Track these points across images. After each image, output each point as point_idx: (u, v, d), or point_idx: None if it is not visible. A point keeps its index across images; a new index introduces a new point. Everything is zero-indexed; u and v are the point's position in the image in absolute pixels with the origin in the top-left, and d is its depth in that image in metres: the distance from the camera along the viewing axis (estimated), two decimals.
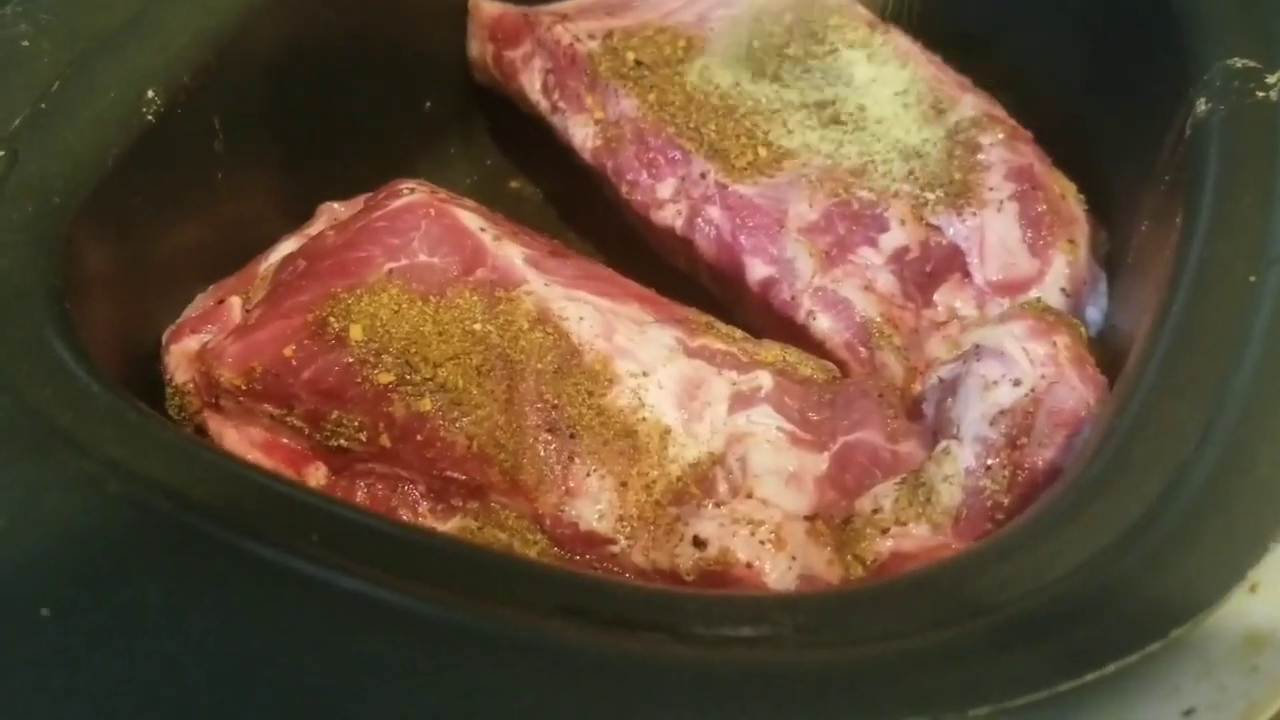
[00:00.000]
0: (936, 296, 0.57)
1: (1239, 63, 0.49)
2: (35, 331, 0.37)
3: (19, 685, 0.26)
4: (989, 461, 0.41)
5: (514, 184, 0.74)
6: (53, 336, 0.37)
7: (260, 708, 0.26)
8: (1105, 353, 0.50)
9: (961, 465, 0.42)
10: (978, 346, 0.44)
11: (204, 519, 0.31)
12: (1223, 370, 0.35)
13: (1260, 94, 0.47)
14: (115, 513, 0.30)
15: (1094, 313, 0.57)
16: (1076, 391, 0.41)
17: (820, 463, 0.47)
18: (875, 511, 0.43)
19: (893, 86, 0.64)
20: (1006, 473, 0.41)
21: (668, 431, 0.48)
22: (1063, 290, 0.57)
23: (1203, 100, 0.49)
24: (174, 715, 0.26)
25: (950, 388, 0.45)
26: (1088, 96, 0.64)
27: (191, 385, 0.49)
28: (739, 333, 0.54)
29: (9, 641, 0.27)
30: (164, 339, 0.50)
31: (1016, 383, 0.42)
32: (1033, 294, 0.57)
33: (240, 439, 0.49)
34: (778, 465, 0.47)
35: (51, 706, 0.26)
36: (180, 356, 0.49)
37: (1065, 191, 0.60)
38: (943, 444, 0.43)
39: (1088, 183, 0.61)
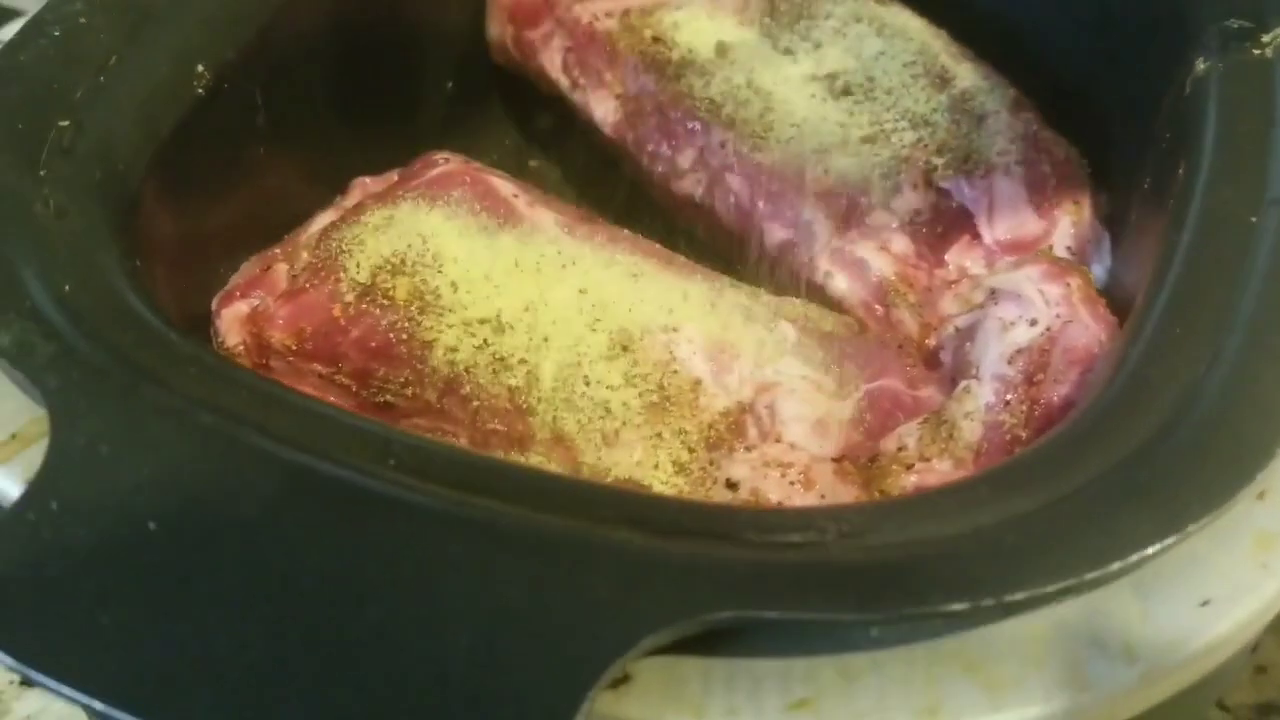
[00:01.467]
0: (948, 256, 0.60)
1: (1235, 23, 0.51)
2: (113, 285, 0.39)
3: (132, 588, 0.29)
4: (1007, 397, 0.44)
5: (533, 162, 0.76)
6: (127, 290, 0.39)
7: (354, 610, 0.29)
8: (1111, 306, 0.52)
9: (981, 402, 0.44)
10: (994, 290, 0.47)
11: (288, 446, 0.33)
12: (1228, 299, 0.38)
13: (1256, 52, 0.49)
14: (208, 441, 0.32)
15: (1098, 270, 0.59)
16: (1090, 329, 0.44)
17: (845, 408, 0.50)
18: (900, 449, 0.46)
19: (900, 59, 0.66)
20: (1024, 408, 0.43)
21: (698, 383, 0.50)
22: (1068, 249, 0.59)
23: (1200, 60, 0.52)
24: (271, 619, 0.28)
25: (968, 334, 0.48)
26: (1087, 61, 0.67)
27: (242, 348, 0.51)
28: (762, 291, 0.56)
29: (122, 550, 0.29)
30: (214, 305, 0.52)
31: (1033, 322, 0.44)
32: None
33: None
34: (804, 412, 0.49)
35: (162, 608, 0.28)
36: (231, 320, 0.51)
37: (1068, 154, 0.63)
38: (963, 384, 0.46)
39: (1089, 145, 0.64)
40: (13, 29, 0.47)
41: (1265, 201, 0.44)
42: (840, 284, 0.59)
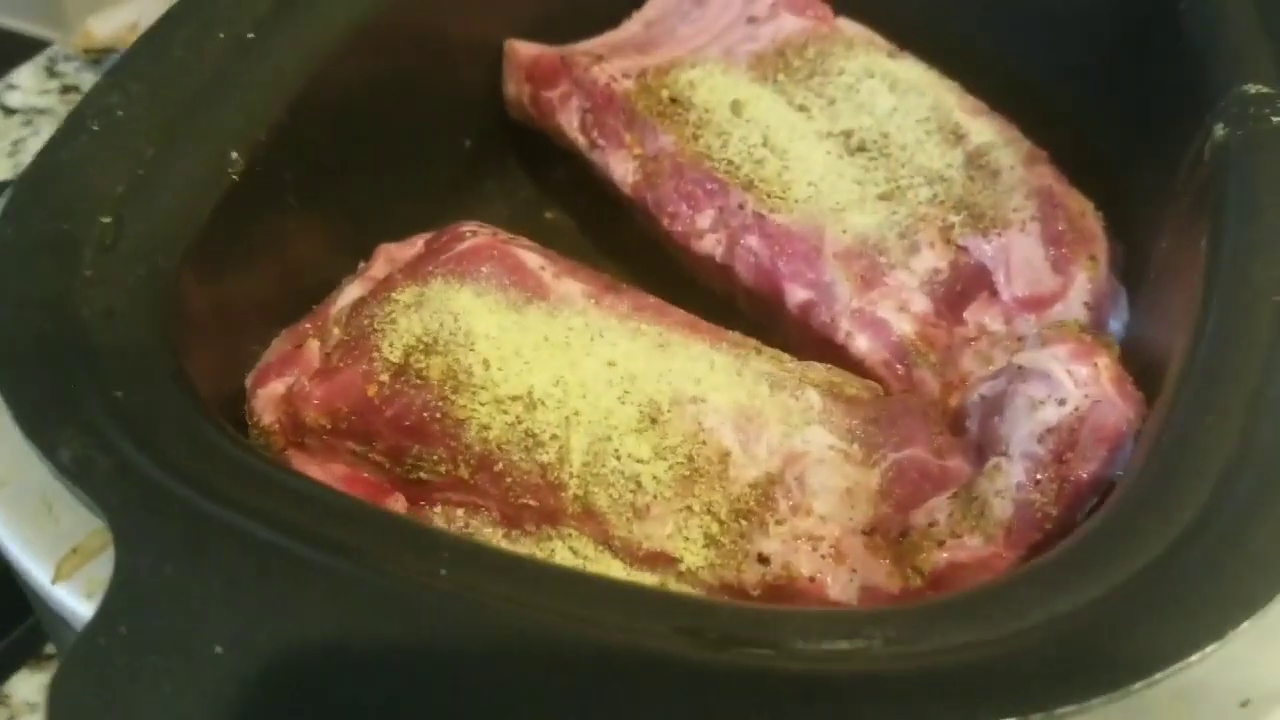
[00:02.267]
0: (966, 314, 0.61)
1: (1253, 89, 0.52)
2: (163, 388, 0.40)
3: (199, 715, 0.29)
4: (1038, 476, 0.44)
5: (549, 215, 0.77)
6: (176, 393, 0.40)
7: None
8: (1133, 364, 0.53)
9: (1012, 480, 0.45)
10: (1022, 368, 0.47)
11: (346, 558, 0.34)
12: (1259, 383, 0.39)
13: (1275, 119, 0.50)
14: (269, 559, 0.33)
15: (1115, 325, 0.60)
16: (1118, 409, 0.44)
17: (873, 478, 0.51)
18: (931, 525, 0.47)
19: (914, 115, 0.67)
20: (1054, 486, 0.44)
21: (727, 454, 0.51)
22: (1085, 304, 0.60)
23: (1220, 125, 0.52)
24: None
25: (994, 405, 0.49)
26: (1102, 118, 0.68)
27: (277, 425, 0.52)
28: (785, 355, 0.57)
29: (188, 678, 0.30)
30: (248, 383, 0.53)
31: (1062, 402, 0.45)
32: (1057, 309, 0.60)
33: (324, 474, 0.52)
34: (833, 482, 0.50)
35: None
36: (266, 400, 0.52)
37: (1084, 209, 0.64)
38: (993, 460, 0.47)
39: (1105, 198, 0.65)
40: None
41: None
42: (862, 344, 0.59)
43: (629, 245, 0.72)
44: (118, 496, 0.34)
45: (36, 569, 0.35)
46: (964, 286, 0.61)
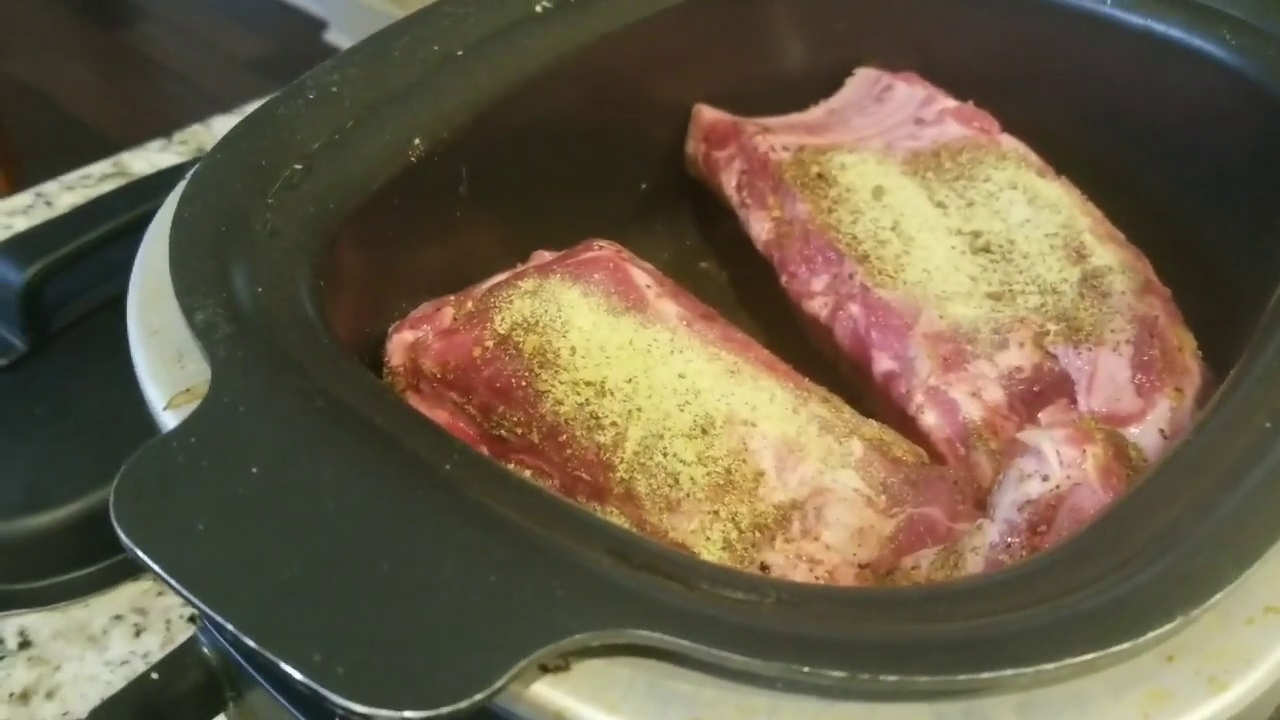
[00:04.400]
0: (1040, 415, 0.64)
1: None
2: (296, 295, 0.50)
3: (225, 509, 0.38)
4: (1009, 539, 0.48)
5: (704, 264, 0.85)
6: (305, 301, 0.50)
7: (371, 562, 0.37)
8: None
9: (988, 540, 0.49)
10: (1019, 442, 0.51)
11: (361, 433, 0.42)
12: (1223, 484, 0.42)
13: None
14: (314, 419, 0.42)
15: None
16: (1097, 495, 0.48)
17: (886, 525, 0.55)
18: (913, 569, 0.51)
19: (1044, 229, 0.71)
20: (1024, 553, 0.48)
21: (761, 474, 0.57)
22: (1161, 431, 0.62)
23: None
24: (315, 549, 0.37)
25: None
26: (1244, 272, 0.69)
27: (401, 369, 0.62)
28: (848, 409, 0.62)
29: (226, 482, 0.39)
30: (389, 331, 0.63)
31: (1045, 478, 0.49)
32: (1133, 430, 0.62)
33: (429, 416, 0.61)
34: (848, 520, 0.55)
35: (240, 528, 0.38)
36: (398, 345, 0.62)
37: (1184, 345, 0.66)
38: (979, 521, 0.50)
39: (1221, 341, 0.67)
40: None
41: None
42: (930, 419, 0.64)
43: (769, 304, 0.79)
44: (224, 353, 0.44)
45: (157, 398, 0.45)
46: (1043, 389, 0.64)
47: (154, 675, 0.46)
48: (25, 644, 0.76)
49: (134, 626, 0.77)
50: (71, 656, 0.76)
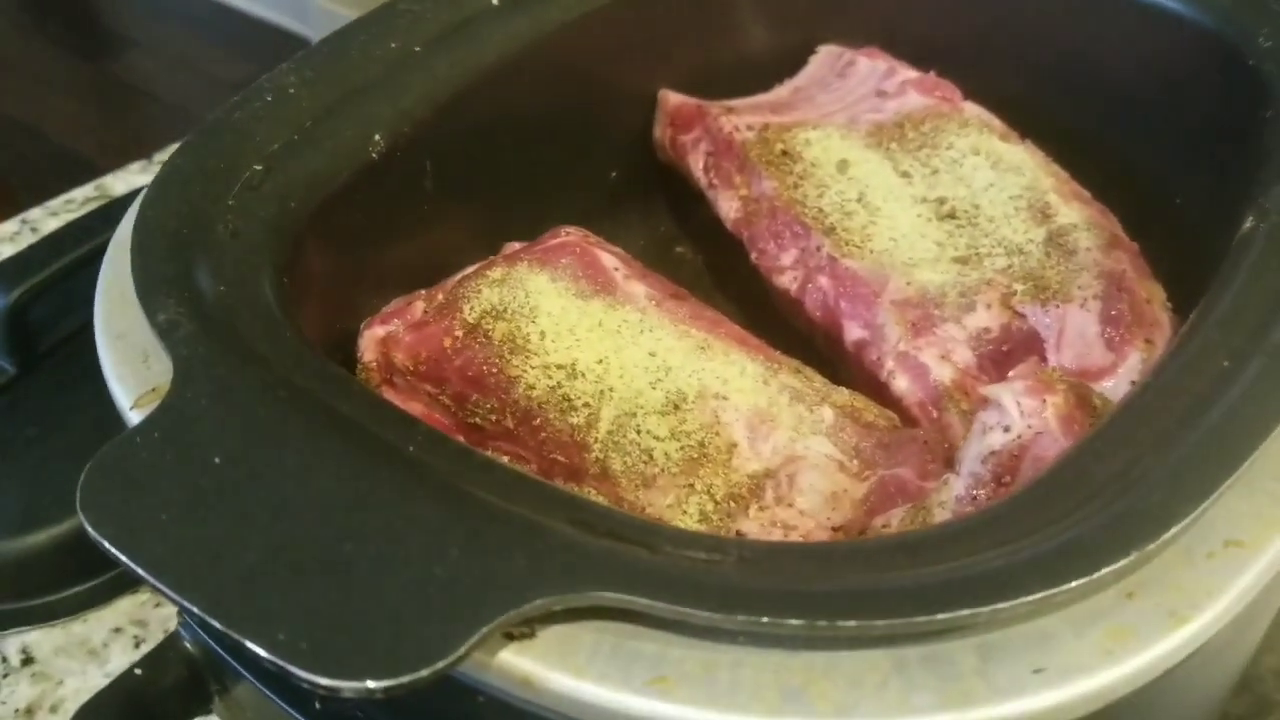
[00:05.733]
0: (1011, 374, 0.64)
1: None
2: (258, 294, 0.51)
3: (187, 497, 0.39)
4: (975, 492, 0.48)
5: (679, 249, 0.85)
6: (269, 300, 0.51)
7: (334, 542, 0.38)
8: None
9: (954, 493, 0.49)
10: (984, 398, 0.52)
11: (320, 416, 0.43)
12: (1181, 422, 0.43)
13: None
14: (274, 409, 0.43)
15: None
16: (1059, 443, 0.48)
17: (858, 488, 0.55)
18: (884, 527, 0.51)
19: (1009, 192, 0.72)
20: (988, 505, 0.48)
21: (735, 446, 0.57)
22: (1132, 384, 0.63)
23: (1250, 218, 0.55)
24: (278, 531, 0.38)
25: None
26: (1201, 220, 0.70)
27: (374, 364, 0.62)
28: (819, 377, 0.63)
29: (189, 472, 0.40)
30: (361, 326, 0.64)
31: (1007, 429, 0.49)
32: (1106, 384, 0.63)
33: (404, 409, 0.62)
34: (820, 485, 0.55)
35: (203, 514, 0.39)
36: (370, 340, 0.63)
37: (1153, 297, 0.66)
38: (946, 476, 0.51)
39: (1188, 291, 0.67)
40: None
41: (1253, 349, 0.47)
42: (902, 384, 0.64)
43: (744, 284, 0.80)
44: (186, 350, 0.45)
45: (124, 398, 0.46)
46: (1012, 348, 0.65)
47: (138, 671, 0.47)
48: (28, 660, 0.77)
49: (133, 638, 0.78)
50: (74, 671, 0.76)
